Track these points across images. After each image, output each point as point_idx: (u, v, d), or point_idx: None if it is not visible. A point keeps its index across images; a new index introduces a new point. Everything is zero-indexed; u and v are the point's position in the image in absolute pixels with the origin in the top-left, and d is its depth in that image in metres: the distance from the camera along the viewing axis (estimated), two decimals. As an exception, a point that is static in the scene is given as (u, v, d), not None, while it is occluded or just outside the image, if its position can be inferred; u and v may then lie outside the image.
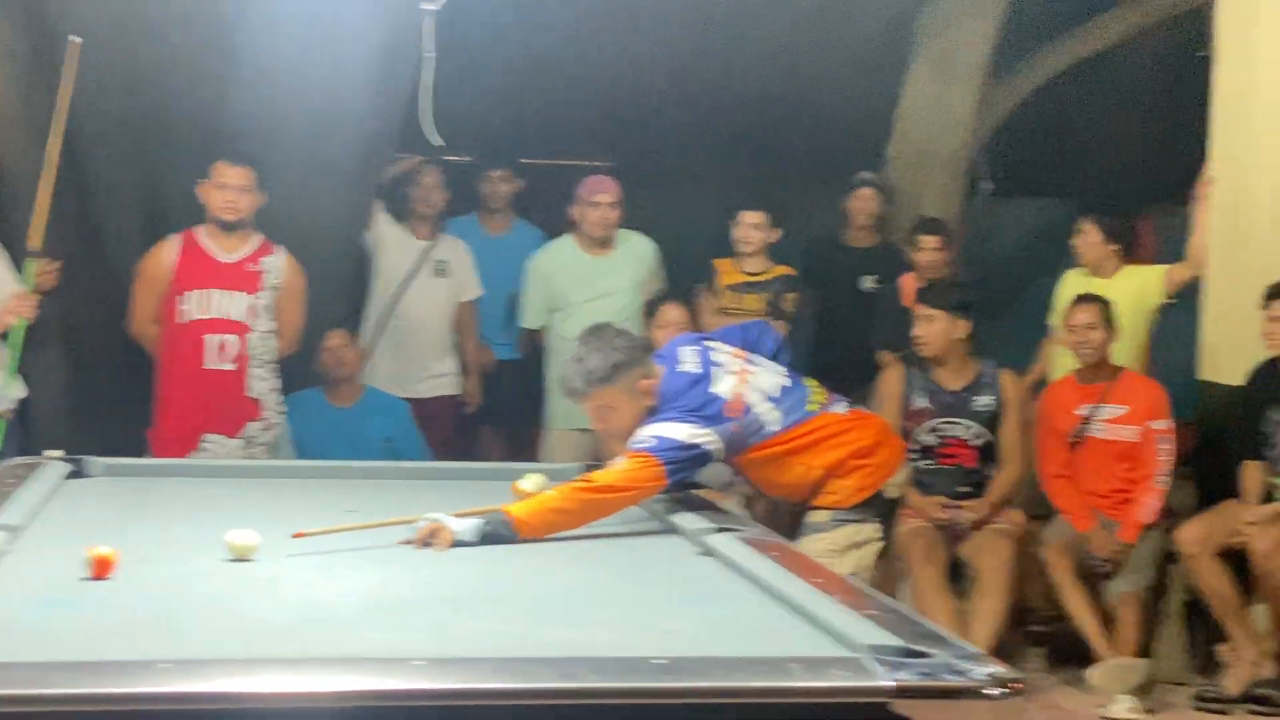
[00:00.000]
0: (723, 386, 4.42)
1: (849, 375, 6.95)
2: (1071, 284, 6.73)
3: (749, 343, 4.78)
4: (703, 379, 4.42)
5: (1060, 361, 6.65)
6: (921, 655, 2.73)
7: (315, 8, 5.82)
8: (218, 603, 3.18)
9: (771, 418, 4.48)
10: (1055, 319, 6.78)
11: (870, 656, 2.71)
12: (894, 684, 2.58)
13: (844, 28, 7.49)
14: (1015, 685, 2.64)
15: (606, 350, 4.35)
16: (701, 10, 7.35)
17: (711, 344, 4.64)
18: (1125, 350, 6.42)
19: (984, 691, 2.60)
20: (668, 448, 4.21)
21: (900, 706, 2.58)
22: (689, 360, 4.49)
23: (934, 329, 6.08)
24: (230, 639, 2.87)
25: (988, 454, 6.18)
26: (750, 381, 4.49)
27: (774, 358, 4.76)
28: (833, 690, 2.60)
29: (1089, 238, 6.68)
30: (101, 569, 3.27)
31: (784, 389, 4.54)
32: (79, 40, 5.38)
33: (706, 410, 4.35)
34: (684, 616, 3.20)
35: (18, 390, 5.61)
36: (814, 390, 4.64)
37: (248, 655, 2.69)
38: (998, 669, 2.67)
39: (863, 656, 2.72)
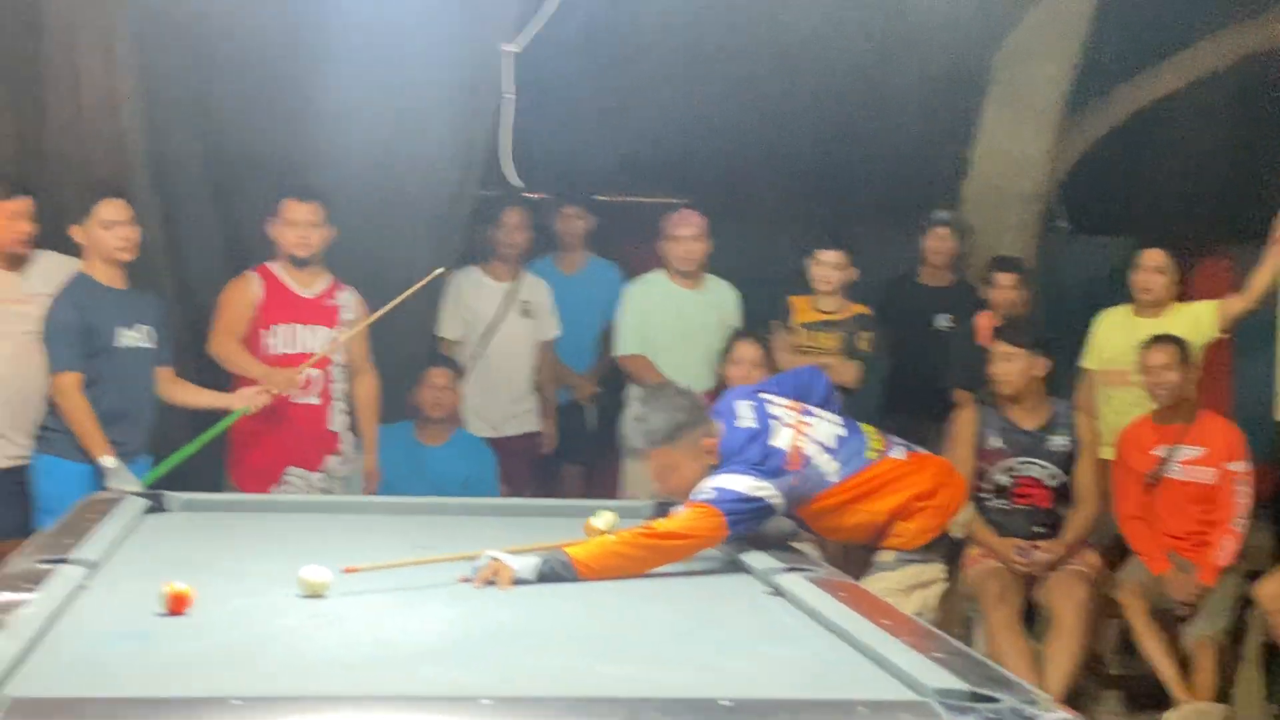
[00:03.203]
0: (781, 439, 4.44)
1: (923, 415, 6.97)
2: (1111, 323, 6.68)
3: (801, 389, 4.79)
4: (761, 433, 4.44)
5: (1107, 400, 6.58)
6: (989, 699, 2.72)
7: (395, 48, 5.88)
8: (288, 639, 3.21)
9: (830, 468, 4.49)
10: (1091, 360, 6.73)
11: (937, 701, 2.71)
12: (962, 729, 2.57)
13: (919, 66, 7.49)
14: (1079, 731, 2.63)
15: (668, 410, 4.38)
16: (777, 48, 7.38)
17: (767, 396, 4.65)
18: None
19: (1049, 738, 2.59)
20: (729, 499, 4.22)
21: (965, 752, 2.57)
22: (747, 415, 4.50)
23: (1013, 367, 6.05)
24: (300, 676, 2.90)
25: (1062, 494, 6.14)
26: (807, 433, 4.50)
27: (825, 404, 4.77)
28: (899, 734, 2.59)
29: (1159, 270, 6.59)
30: (177, 605, 3.32)
31: (840, 439, 4.55)
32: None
33: (767, 464, 4.37)
34: (752, 657, 3.20)
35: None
36: (871, 436, 4.64)
37: (316, 692, 2.72)
38: (1065, 715, 2.66)
39: (930, 700, 2.72)
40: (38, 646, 2.93)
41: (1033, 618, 6.18)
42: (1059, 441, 6.12)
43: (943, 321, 7.28)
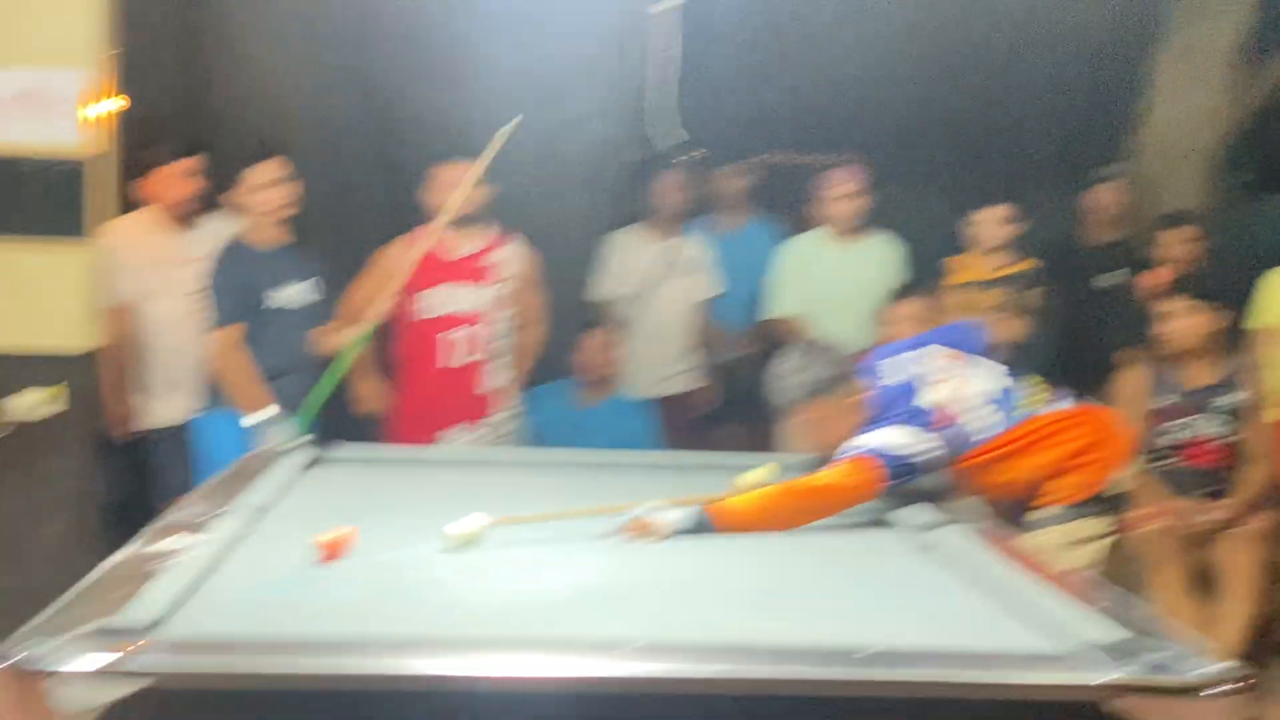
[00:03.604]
0: (933, 395, 4.37)
1: (1089, 373, 6.82)
2: (1278, 282, 6.49)
3: (957, 343, 4.70)
4: (915, 388, 4.38)
5: (1275, 360, 6.39)
6: (1144, 652, 2.66)
7: (547, 10, 5.90)
8: (441, 586, 3.25)
9: (987, 422, 4.40)
10: (1260, 318, 6.52)
11: (1090, 652, 2.66)
12: (1113, 680, 2.52)
13: (1088, 16, 7.32)
14: (1241, 683, 2.55)
15: (818, 365, 4.34)
16: (941, 3, 7.27)
17: (922, 350, 4.58)
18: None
19: (1208, 689, 2.52)
20: (882, 453, 4.17)
21: (1120, 703, 2.51)
22: (901, 370, 4.44)
23: (1186, 324, 5.90)
24: (452, 620, 2.94)
25: (1233, 454, 5.98)
26: (961, 387, 4.42)
27: (982, 358, 4.67)
28: (1050, 687, 2.55)
29: None
30: (333, 552, 3.38)
31: (997, 393, 4.46)
32: (519, 119, 5.60)
33: (921, 419, 4.30)
34: (902, 609, 3.17)
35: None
36: (1032, 390, 4.54)
37: (470, 637, 2.75)
38: (1224, 666, 2.59)
39: (1082, 652, 2.67)
40: (199, 590, 3.01)
41: (1205, 580, 6.05)
42: (1230, 400, 5.96)
43: (1110, 279, 7.13)
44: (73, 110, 5.74)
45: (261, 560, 3.38)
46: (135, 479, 6.31)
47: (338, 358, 5.79)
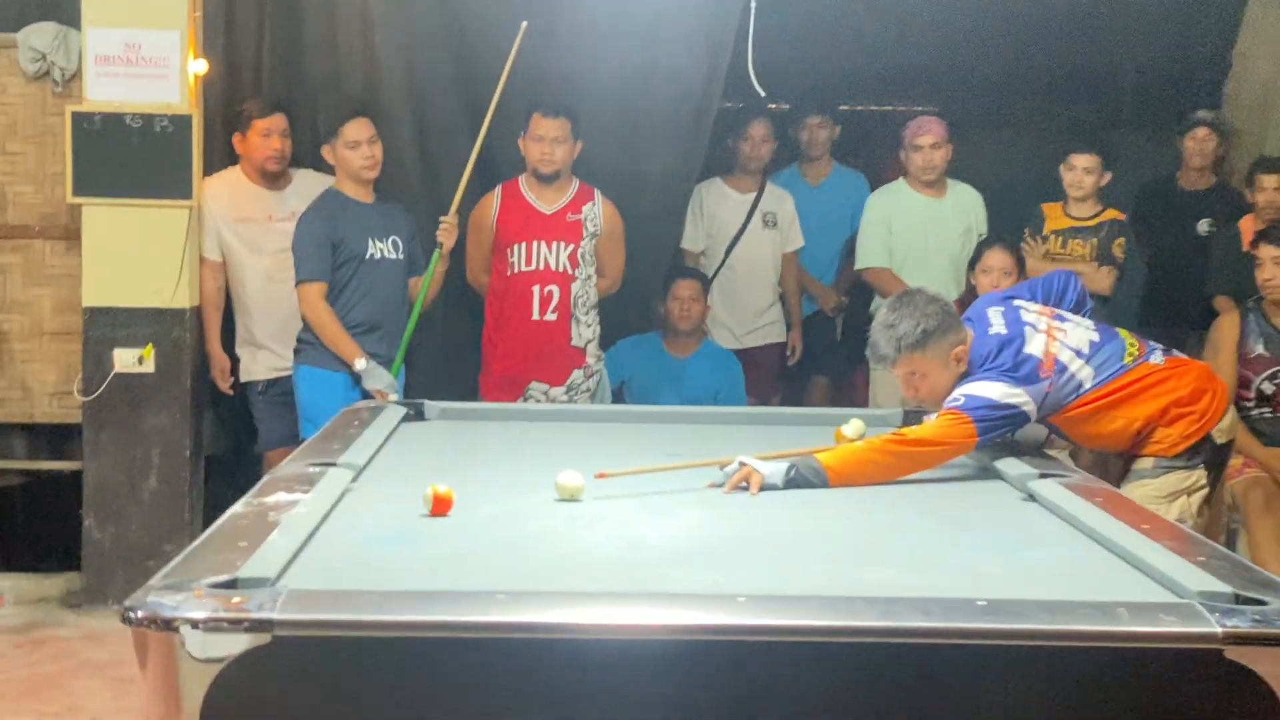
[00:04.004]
0: (1034, 346, 4.35)
1: (1182, 322, 6.79)
2: None
3: (1052, 295, 4.69)
4: (1014, 339, 4.35)
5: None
6: (1256, 603, 2.66)
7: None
8: (547, 539, 3.30)
9: (1085, 374, 4.38)
10: None
11: (1200, 602, 2.66)
12: (1236, 630, 2.52)
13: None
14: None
15: (917, 316, 4.30)
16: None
17: (1019, 302, 4.56)
18: None
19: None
20: (980, 405, 4.16)
21: (1233, 654, 2.51)
22: (998, 322, 4.42)
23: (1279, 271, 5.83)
24: (560, 573, 2.98)
25: (1329, 403, 5.93)
26: (1060, 339, 4.40)
27: (1078, 308, 4.66)
28: (1163, 635, 2.56)
29: None
30: (440, 507, 3.42)
31: (1094, 344, 4.44)
32: (525, 24, 5.62)
33: (1020, 371, 4.28)
34: (1007, 561, 3.18)
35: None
36: (1128, 341, 4.52)
37: (579, 589, 2.79)
38: (1340, 618, 2.59)
39: (1193, 602, 2.67)
40: (310, 544, 3.06)
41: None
42: (1326, 348, 5.90)
43: (1203, 226, 7.05)
44: (173, 69, 5.82)
45: (369, 515, 3.43)
46: (237, 431, 6.43)
47: (416, 299, 5.88)
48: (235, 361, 6.17)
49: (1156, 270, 7.23)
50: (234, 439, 6.53)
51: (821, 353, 7.16)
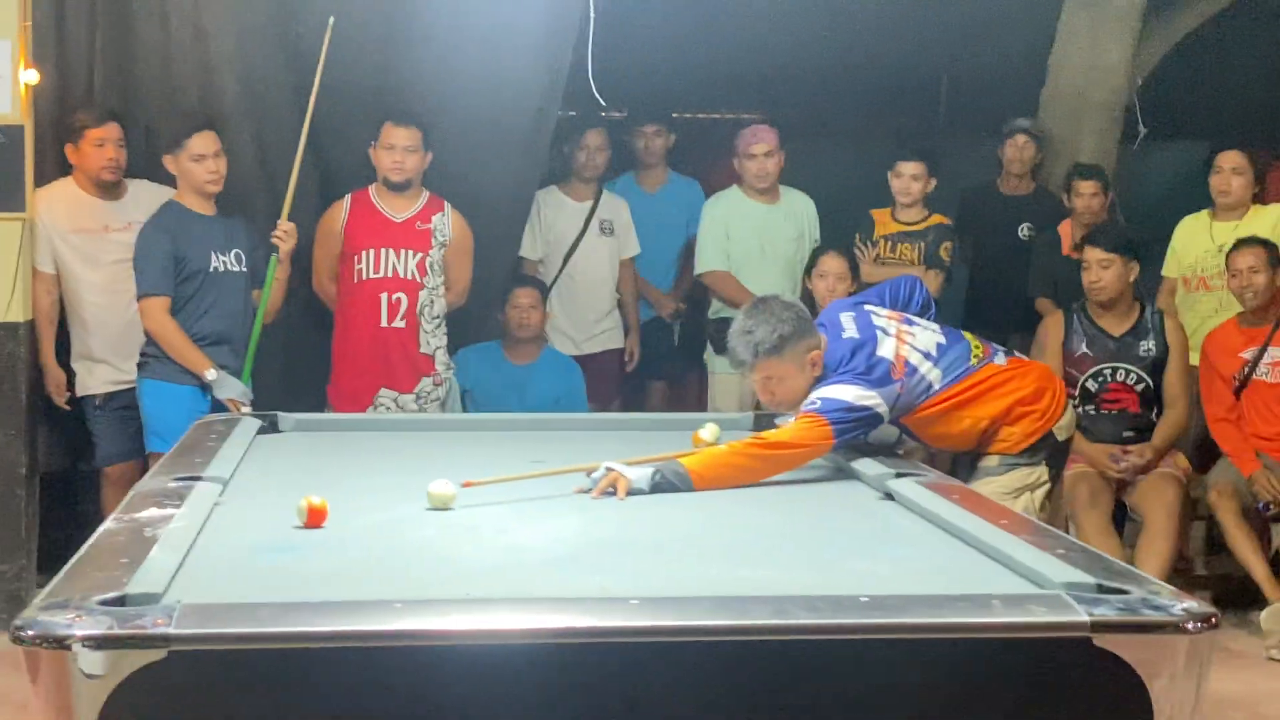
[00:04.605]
0: (885, 349, 4.48)
1: (1006, 323, 7.01)
2: (1190, 228, 6.70)
3: (899, 299, 4.84)
4: (866, 343, 4.48)
5: (1190, 306, 6.61)
6: (1117, 592, 2.80)
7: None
8: (428, 548, 3.32)
9: (934, 375, 4.53)
10: (1171, 267, 6.75)
11: (1067, 593, 2.78)
12: (1105, 618, 2.64)
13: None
14: (1213, 620, 2.70)
15: (773, 322, 4.39)
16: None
17: (870, 307, 4.69)
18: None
19: (1184, 626, 2.66)
20: (836, 408, 4.28)
21: (1101, 641, 2.64)
22: (850, 327, 4.55)
23: (1109, 273, 6.05)
24: (449, 581, 3.01)
25: (1150, 399, 6.17)
26: (910, 342, 4.54)
27: (923, 312, 4.82)
28: (1034, 625, 2.67)
29: (1237, 172, 6.60)
30: (315, 518, 3.42)
31: (940, 346, 4.59)
32: (333, 20, 5.56)
33: (873, 374, 4.41)
34: (876, 558, 3.29)
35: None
36: (973, 344, 4.68)
37: (465, 596, 2.82)
38: (1194, 604, 2.74)
39: (1060, 593, 2.79)
40: (190, 558, 3.05)
41: (1122, 521, 6.26)
42: (1147, 346, 6.14)
43: (1024, 230, 7.31)
44: (4, 79, 5.70)
45: (244, 528, 3.43)
46: (71, 446, 6.30)
47: (258, 307, 5.85)
48: (70, 375, 6.06)
49: (979, 273, 7.46)
50: (67, 455, 6.40)
51: (660, 357, 7.26)
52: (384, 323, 6.07)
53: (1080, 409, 6.12)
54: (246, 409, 5.43)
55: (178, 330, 5.69)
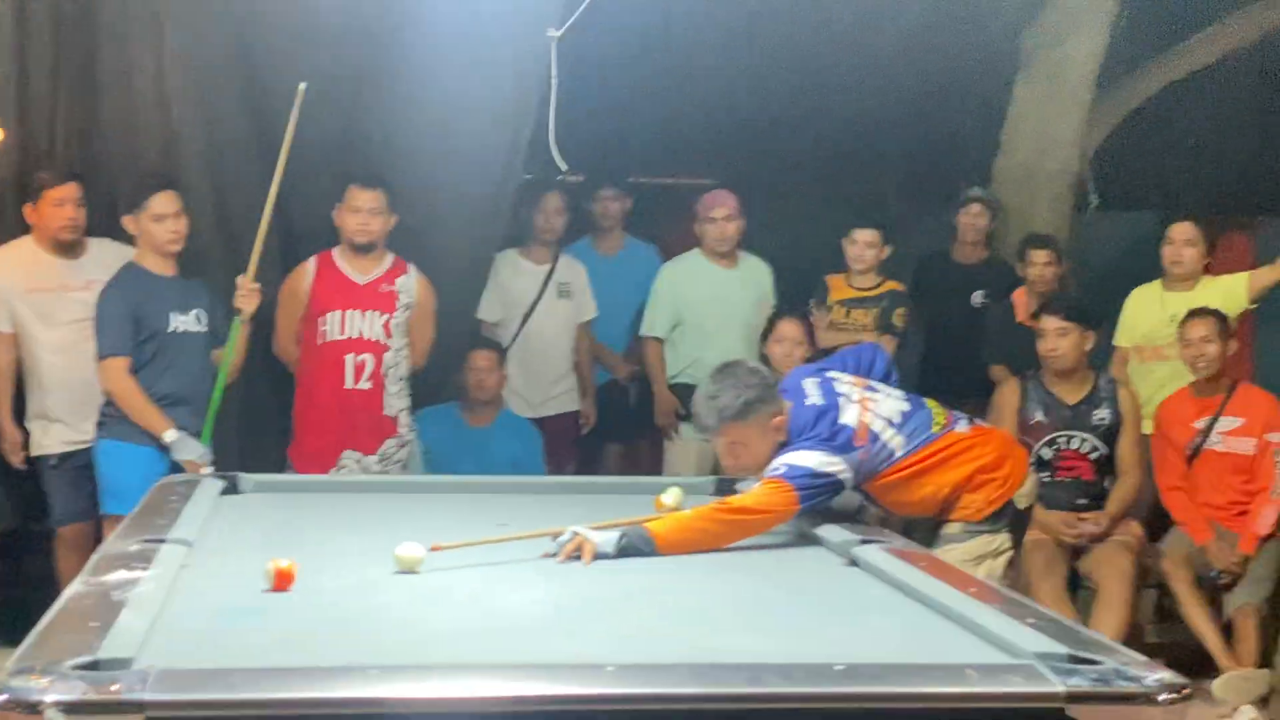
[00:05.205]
0: (849, 416, 4.51)
1: (959, 390, 7.05)
2: (1142, 298, 6.79)
3: (862, 366, 4.88)
4: (829, 410, 4.51)
5: (1144, 375, 6.68)
6: (1089, 662, 2.82)
7: (444, 34, 5.94)
8: (398, 612, 3.31)
9: (896, 442, 4.57)
10: (1124, 336, 6.83)
11: (1040, 663, 2.80)
12: (1070, 689, 2.66)
13: (950, 45, 7.55)
14: (1185, 691, 2.73)
15: (739, 387, 4.42)
16: (809, 29, 7.44)
17: (833, 374, 4.73)
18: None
19: (1157, 697, 2.69)
20: (800, 474, 4.30)
21: (1074, 711, 2.66)
22: (814, 393, 4.58)
23: (1066, 342, 6.13)
24: (422, 646, 2.99)
25: (1104, 467, 6.23)
26: (873, 409, 4.58)
27: (886, 379, 4.86)
28: (1010, 695, 2.68)
29: (1189, 243, 6.69)
30: (282, 581, 3.41)
31: (904, 413, 4.63)
32: (304, 86, 5.58)
33: (836, 440, 4.44)
34: (846, 625, 3.30)
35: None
36: (935, 411, 4.72)
37: (436, 662, 2.81)
38: (1166, 675, 2.76)
39: (1034, 663, 2.81)
40: (160, 622, 3.03)
41: (1076, 588, 6.29)
42: (1101, 415, 6.21)
43: (977, 298, 7.38)
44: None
45: (212, 591, 3.40)
46: (22, 506, 6.24)
47: (219, 367, 5.83)
48: (25, 435, 6.01)
49: (933, 340, 7.52)
50: (16, 514, 6.34)
51: (615, 421, 7.27)
52: (349, 384, 6.06)
53: (1036, 475, 6.16)
54: (207, 470, 5.40)
55: (137, 391, 5.67)
